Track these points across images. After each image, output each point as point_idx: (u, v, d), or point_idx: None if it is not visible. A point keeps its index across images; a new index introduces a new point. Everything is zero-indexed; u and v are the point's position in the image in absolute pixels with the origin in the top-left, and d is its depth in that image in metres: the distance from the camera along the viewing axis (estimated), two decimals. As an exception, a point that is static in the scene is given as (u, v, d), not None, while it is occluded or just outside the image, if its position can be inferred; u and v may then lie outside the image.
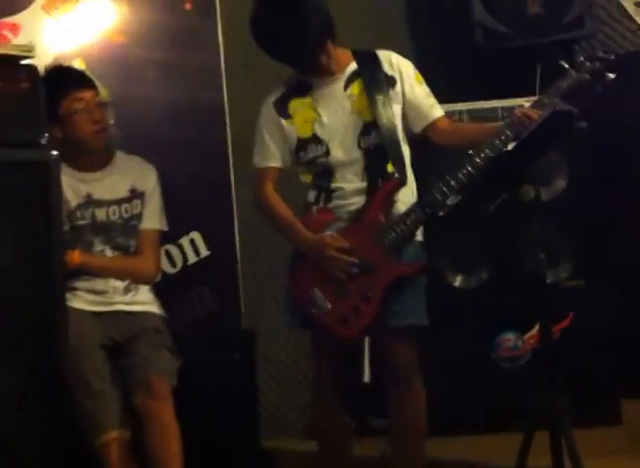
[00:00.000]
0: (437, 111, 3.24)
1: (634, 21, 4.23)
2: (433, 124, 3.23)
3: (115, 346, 3.35)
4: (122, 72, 3.78)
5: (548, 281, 2.72)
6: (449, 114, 3.37)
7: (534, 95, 3.79)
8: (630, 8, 4.20)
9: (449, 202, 3.07)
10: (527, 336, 3.68)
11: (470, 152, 3.02)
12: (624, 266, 4.03)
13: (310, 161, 3.21)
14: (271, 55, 3.20)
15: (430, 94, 3.25)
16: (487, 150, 2.99)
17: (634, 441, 3.43)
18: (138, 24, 3.82)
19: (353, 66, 3.24)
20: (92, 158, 3.46)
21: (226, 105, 3.96)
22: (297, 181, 3.32)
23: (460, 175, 3.04)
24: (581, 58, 2.86)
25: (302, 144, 3.21)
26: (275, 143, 3.25)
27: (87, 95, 3.38)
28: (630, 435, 3.50)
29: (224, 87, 3.96)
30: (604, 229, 3.88)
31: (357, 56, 3.26)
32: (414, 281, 3.14)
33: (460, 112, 3.75)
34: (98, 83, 3.54)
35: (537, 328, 3.46)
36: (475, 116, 3.75)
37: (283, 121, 3.23)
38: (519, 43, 4.06)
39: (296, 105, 3.23)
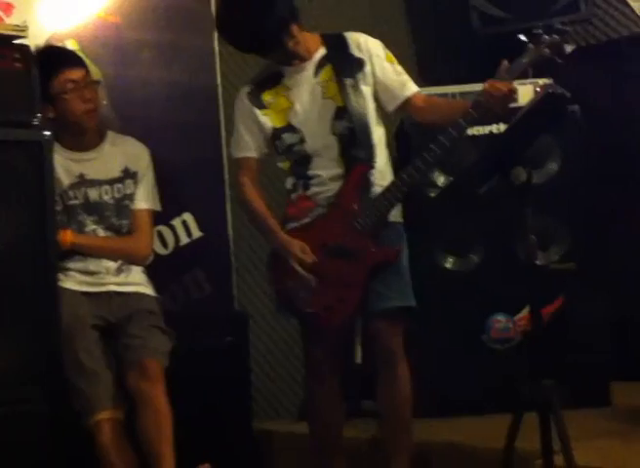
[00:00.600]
0: (410, 89, 3.25)
1: (628, 6, 4.23)
2: (408, 101, 3.25)
3: (108, 327, 3.35)
4: (115, 53, 3.78)
5: (539, 263, 2.72)
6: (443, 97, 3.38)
7: (527, 77, 3.81)
8: (625, -8, 4.21)
9: (416, 183, 3.10)
10: (517, 318, 3.70)
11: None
12: (616, 249, 4.06)
13: (287, 149, 3.25)
14: (239, 47, 3.24)
15: (402, 72, 3.27)
16: (450, 129, 3.03)
17: (623, 422, 3.45)
18: (131, 5, 3.82)
19: (322, 51, 3.26)
20: (84, 138, 3.45)
21: (220, 87, 3.96)
22: (277, 169, 3.35)
23: (426, 156, 3.06)
24: (540, 31, 2.86)
25: (278, 133, 3.25)
26: (250, 134, 3.28)
27: (77, 74, 3.37)
28: (619, 416, 3.52)
29: (218, 69, 3.96)
30: (596, 213, 3.89)
31: (326, 40, 3.28)
32: (396, 264, 3.16)
33: (454, 95, 3.75)
34: (90, 63, 3.54)
35: (527, 310, 3.49)
36: (468, 99, 3.74)
37: (258, 111, 3.27)
38: (514, 27, 4.06)
39: (269, 95, 3.27)
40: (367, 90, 3.23)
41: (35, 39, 3.42)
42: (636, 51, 4.05)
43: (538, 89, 3.59)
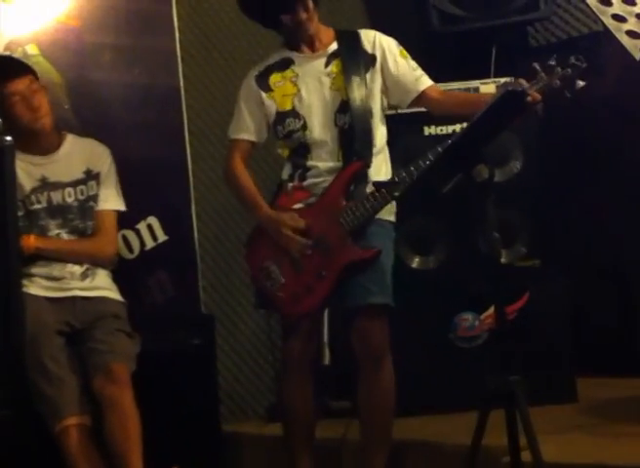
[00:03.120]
0: (424, 83, 3.28)
1: (587, 5, 4.26)
2: (423, 95, 3.28)
3: (73, 332, 3.33)
4: (76, 56, 3.76)
5: (503, 261, 2.74)
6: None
7: (489, 77, 3.84)
8: (583, -10, 4.24)
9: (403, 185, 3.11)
10: (484, 316, 3.72)
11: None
12: (578, 246, 4.09)
13: (287, 134, 3.26)
14: (253, 15, 3.28)
15: (417, 67, 3.30)
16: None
17: (590, 417, 3.48)
18: (91, 9, 3.79)
19: (334, 46, 3.29)
20: (42, 142, 3.44)
21: (182, 89, 3.95)
22: (271, 158, 3.35)
23: (421, 163, 3.08)
24: (553, 63, 2.86)
25: (281, 118, 3.26)
26: (252, 117, 3.30)
27: (21, 84, 3.35)
28: (585, 411, 3.55)
29: (180, 70, 3.94)
30: (558, 210, 3.93)
31: (339, 35, 3.30)
32: (382, 261, 3.17)
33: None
34: (51, 67, 3.52)
35: (493, 308, 3.51)
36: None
37: (263, 94, 3.28)
38: (474, 26, 4.09)
39: (276, 79, 3.28)
40: (375, 87, 3.25)
41: (-6, 44, 3.41)
42: (595, 48, 4.08)
43: (498, 87, 3.62)
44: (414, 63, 3.30)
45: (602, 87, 3.84)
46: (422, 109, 3.41)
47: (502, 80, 3.68)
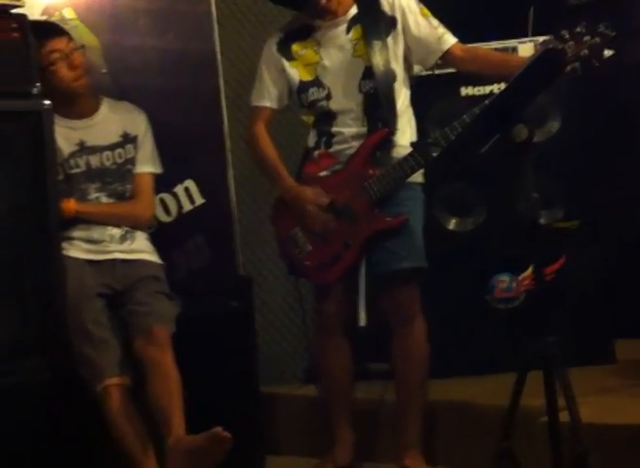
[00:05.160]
0: (447, 41, 3.23)
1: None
2: (447, 54, 3.23)
3: (114, 294, 3.37)
4: (112, 21, 3.76)
5: (542, 222, 2.72)
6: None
7: (527, 36, 3.79)
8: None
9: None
10: (521, 278, 3.71)
11: None
12: (616, 208, 4.06)
13: (311, 104, 3.24)
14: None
15: (439, 25, 3.24)
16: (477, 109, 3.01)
17: (628, 378, 3.46)
18: (127, -27, 3.80)
19: (354, 10, 3.24)
20: (79, 105, 3.45)
21: (218, 54, 3.94)
22: (294, 124, 3.33)
23: (457, 125, 3.05)
24: (583, 30, 2.81)
25: (304, 87, 3.24)
26: (274, 84, 3.28)
27: (60, 43, 3.37)
28: (624, 373, 3.53)
29: (216, 35, 3.93)
30: (597, 171, 3.89)
31: None
32: (411, 225, 3.16)
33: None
34: (87, 31, 3.53)
35: (530, 269, 3.50)
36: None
37: (286, 62, 3.26)
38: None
39: (298, 48, 3.26)
40: (397, 50, 3.21)
41: (32, 9, 3.42)
42: (637, 7, 4.01)
43: (537, 46, 3.58)
44: (435, 21, 3.24)
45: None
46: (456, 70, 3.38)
47: (541, 39, 3.64)
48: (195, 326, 3.46)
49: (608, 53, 2.80)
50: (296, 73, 3.24)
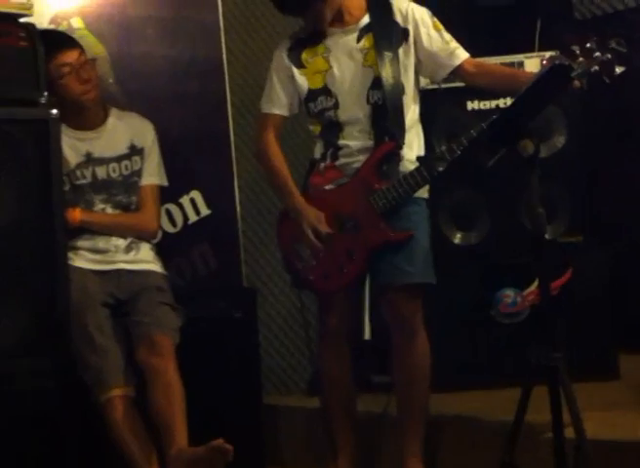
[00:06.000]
0: (459, 57, 3.21)
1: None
2: (458, 69, 3.22)
3: (118, 304, 3.37)
4: (120, 29, 3.77)
5: (547, 236, 2.72)
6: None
7: (533, 51, 3.79)
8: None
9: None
10: (526, 293, 3.70)
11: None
12: (620, 222, 4.06)
13: (319, 113, 3.22)
14: (283, 9, 3.20)
15: (451, 39, 3.22)
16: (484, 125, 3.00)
17: (632, 394, 3.46)
18: (136, -19, 3.81)
19: (367, 19, 3.21)
20: (87, 116, 3.46)
21: (225, 62, 3.95)
22: (302, 133, 3.32)
23: (464, 140, 3.05)
24: (593, 46, 2.78)
25: (313, 95, 3.22)
26: (284, 91, 3.25)
27: (71, 56, 3.37)
28: (628, 388, 3.53)
29: (223, 43, 3.94)
30: (601, 186, 3.89)
31: (371, 7, 3.22)
32: (418, 240, 3.16)
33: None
34: (95, 40, 3.54)
35: (536, 284, 3.49)
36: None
37: (295, 70, 3.24)
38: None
39: (308, 55, 3.23)
40: (408, 62, 3.19)
41: (40, 17, 3.43)
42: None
43: (544, 61, 3.58)
44: (448, 36, 3.22)
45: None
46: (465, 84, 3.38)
47: (547, 54, 3.64)
48: (199, 336, 3.46)
49: (619, 69, 2.76)
50: (305, 81, 3.22)
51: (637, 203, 4.11)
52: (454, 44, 3.22)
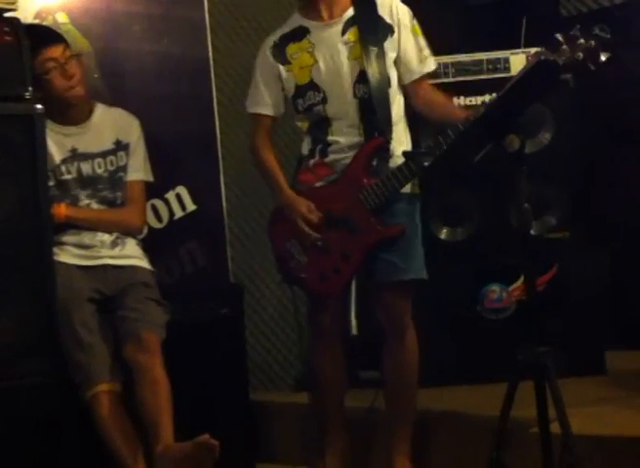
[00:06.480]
0: (428, 66, 3.22)
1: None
2: (415, 83, 3.22)
3: (104, 300, 3.36)
4: (106, 25, 3.76)
5: (533, 232, 2.72)
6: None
7: (519, 47, 3.80)
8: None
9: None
10: (512, 288, 3.71)
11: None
12: (610, 216, 4.07)
13: (308, 108, 3.21)
14: None
15: (425, 46, 3.22)
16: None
17: (618, 389, 3.47)
18: (121, -23, 3.79)
19: (351, 12, 3.20)
20: (73, 112, 3.45)
21: (211, 59, 3.94)
22: (291, 129, 3.31)
23: (450, 133, 3.04)
24: (577, 33, 2.79)
25: (301, 91, 3.20)
26: (269, 91, 3.24)
27: (56, 51, 3.35)
28: (614, 384, 3.54)
29: (209, 41, 3.93)
30: (588, 181, 3.90)
31: (355, 0, 3.21)
32: (409, 236, 3.16)
33: (446, 65, 3.73)
34: (80, 36, 3.53)
35: (521, 279, 3.50)
36: (460, 69, 3.74)
37: (281, 67, 3.22)
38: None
39: (293, 50, 3.21)
40: (392, 57, 3.19)
41: (25, 12, 3.42)
42: (629, 17, 4.03)
43: (529, 57, 3.58)
44: (423, 42, 3.22)
45: (636, 58, 3.81)
46: (452, 80, 3.37)
47: (533, 50, 3.64)
48: (186, 332, 3.46)
49: (604, 56, 2.76)
50: (291, 77, 3.20)
51: (631, 200, 4.13)
52: (426, 52, 3.23)
